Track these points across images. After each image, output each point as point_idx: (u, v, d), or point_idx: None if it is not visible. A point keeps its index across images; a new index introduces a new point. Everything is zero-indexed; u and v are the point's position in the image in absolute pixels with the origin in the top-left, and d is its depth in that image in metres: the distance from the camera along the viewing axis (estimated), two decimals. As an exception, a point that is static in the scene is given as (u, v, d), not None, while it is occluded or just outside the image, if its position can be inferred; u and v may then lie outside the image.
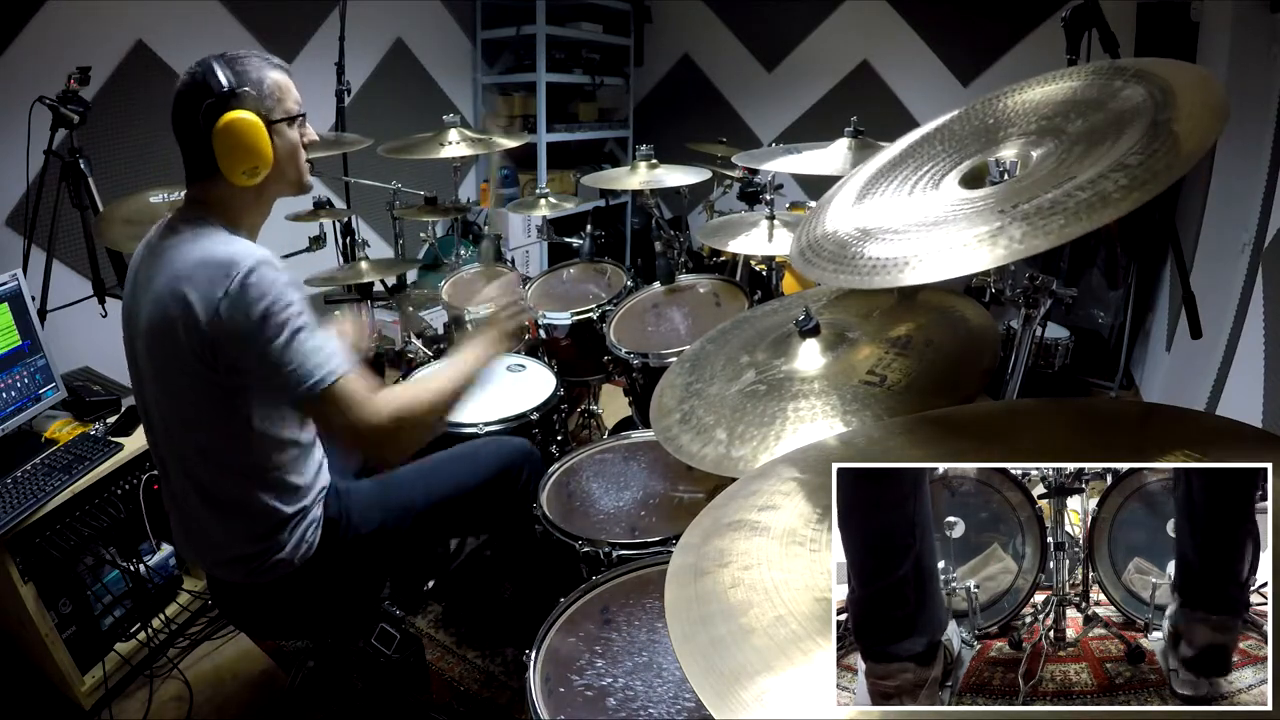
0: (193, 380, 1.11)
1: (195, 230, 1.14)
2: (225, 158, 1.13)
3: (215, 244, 1.12)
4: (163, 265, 1.12)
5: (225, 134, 1.12)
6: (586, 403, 2.58)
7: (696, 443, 1.10)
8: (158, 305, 1.10)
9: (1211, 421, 0.85)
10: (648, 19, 4.74)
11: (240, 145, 1.13)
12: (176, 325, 1.07)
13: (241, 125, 1.12)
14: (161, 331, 1.10)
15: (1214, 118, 0.73)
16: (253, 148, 1.14)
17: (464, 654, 1.86)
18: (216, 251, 1.10)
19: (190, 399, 1.14)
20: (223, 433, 1.16)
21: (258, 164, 1.15)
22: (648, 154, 2.34)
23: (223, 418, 1.15)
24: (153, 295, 1.11)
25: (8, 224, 2.44)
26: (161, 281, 1.11)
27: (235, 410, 1.14)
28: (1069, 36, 1.61)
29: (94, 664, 1.76)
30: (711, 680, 0.54)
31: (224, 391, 1.12)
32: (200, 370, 1.09)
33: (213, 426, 1.16)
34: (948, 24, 3.78)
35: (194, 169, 1.18)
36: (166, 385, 1.16)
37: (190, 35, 2.79)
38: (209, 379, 1.10)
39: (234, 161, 1.13)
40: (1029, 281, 1.08)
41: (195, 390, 1.12)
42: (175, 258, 1.12)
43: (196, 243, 1.12)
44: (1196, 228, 2.57)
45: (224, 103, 1.12)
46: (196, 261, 1.09)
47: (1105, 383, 3.20)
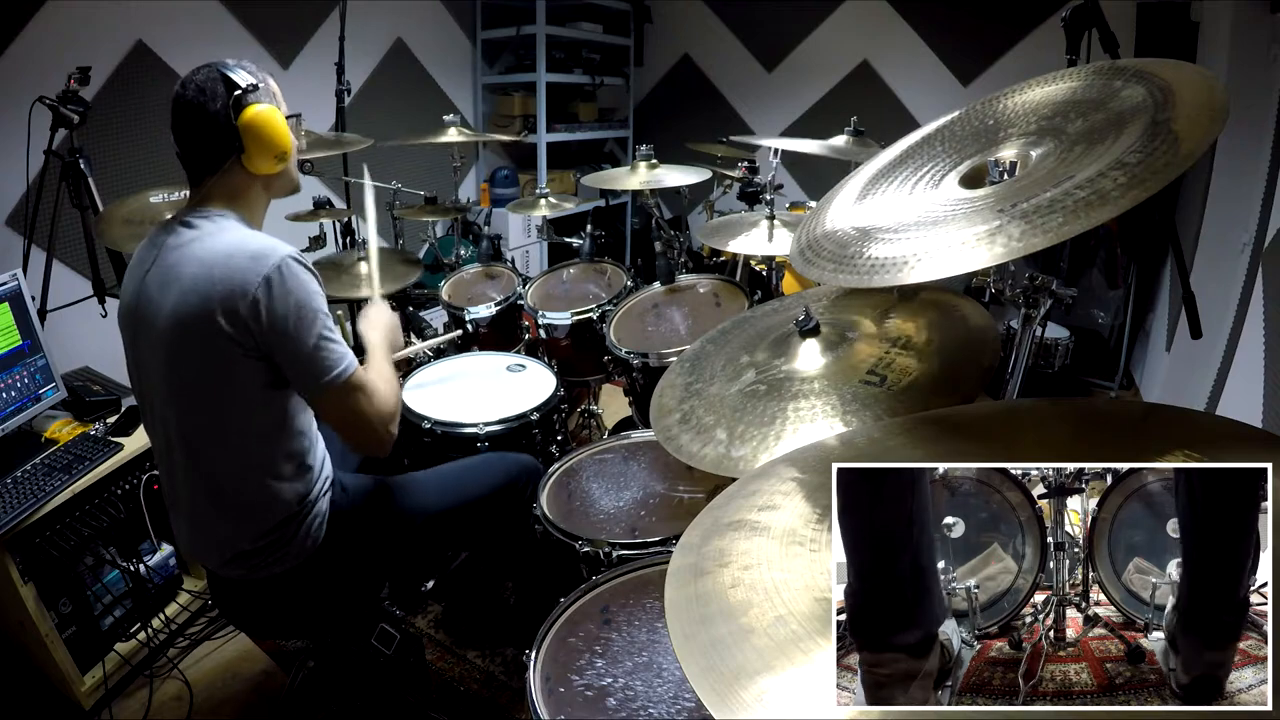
0: (226, 369, 1.14)
1: (215, 224, 1.19)
2: (256, 145, 1.19)
3: (242, 236, 1.17)
4: (186, 259, 1.15)
5: (256, 121, 1.18)
6: (586, 403, 2.58)
7: (696, 443, 1.10)
8: (189, 296, 1.12)
9: (1211, 421, 0.85)
10: (648, 19, 4.74)
11: (271, 133, 1.19)
12: (214, 312, 1.10)
13: (269, 114, 1.19)
14: (195, 321, 1.12)
15: (1214, 117, 0.73)
16: (281, 135, 1.21)
17: (464, 654, 1.86)
18: (247, 244, 1.15)
19: (220, 390, 1.16)
20: (249, 423, 1.19)
21: (285, 150, 1.23)
22: (648, 154, 2.34)
23: (255, 406, 1.18)
24: (180, 289, 1.13)
25: (8, 224, 2.44)
26: (189, 273, 1.13)
27: (269, 398, 1.19)
28: (1069, 36, 1.61)
29: (94, 664, 1.76)
30: (711, 680, 0.54)
31: (261, 379, 1.16)
32: (238, 356, 1.13)
33: (240, 417, 1.18)
34: (948, 24, 3.78)
35: (206, 164, 1.21)
36: (193, 377, 1.17)
37: (190, 35, 2.79)
38: (245, 366, 1.14)
39: (264, 148, 1.20)
40: (1029, 281, 1.08)
41: (227, 379, 1.15)
42: (200, 250, 1.15)
43: (221, 235, 1.16)
44: (1196, 228, 2.57)
45: (248, 95, 1.18)
46: (226, 252, 1.13)
47: (1105, 383, 3.20)
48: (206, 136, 1.19)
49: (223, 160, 1.20)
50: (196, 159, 1.22)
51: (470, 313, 2.34)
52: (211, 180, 1.22)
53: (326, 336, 1.16)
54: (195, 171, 1.23)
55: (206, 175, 1.22)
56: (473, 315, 2.34)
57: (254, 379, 1.16)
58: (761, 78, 4.43)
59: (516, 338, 2.41)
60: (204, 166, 1.22)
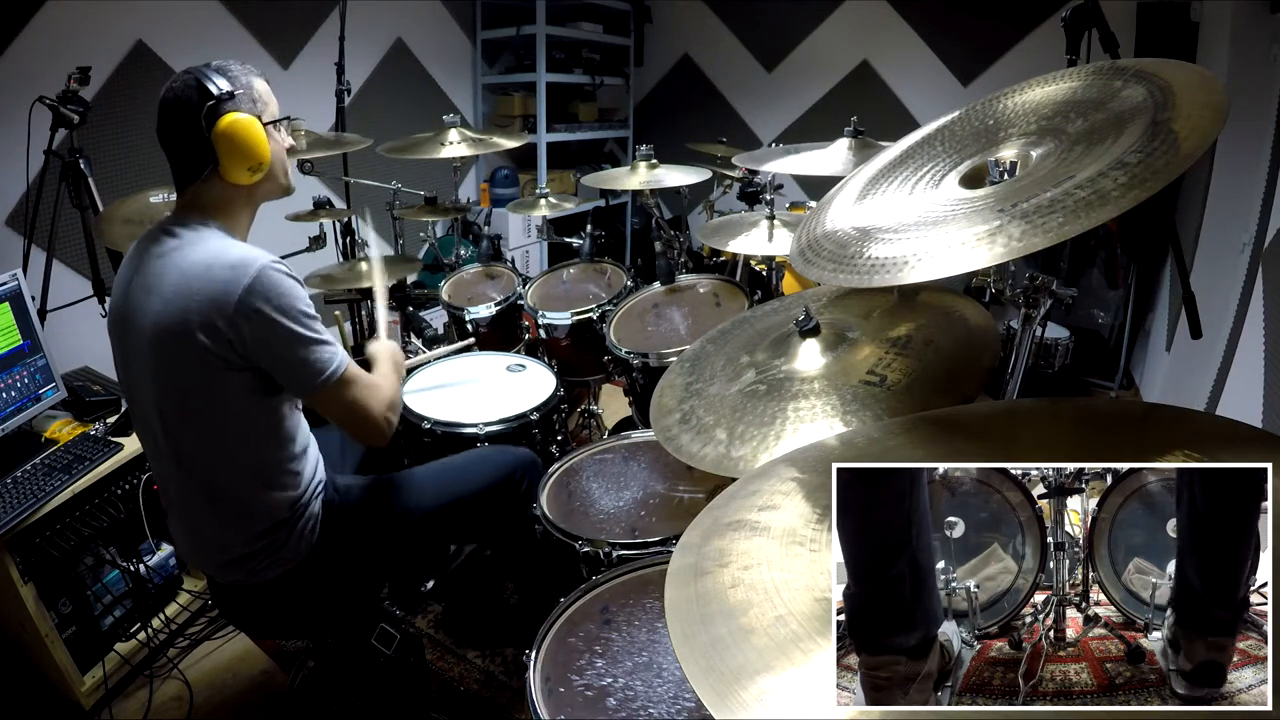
0: (210, 380, 1.13)
1: (195, 233, 1.17)
2: (229, 157, 1.16)
3: (220, 246, 1.15)
4: (167, 269, 1.14)
5: (228, 133, 1.15)
6: (586, 403, 2.58)
7: (696, 443, 1.10)
8: (169, 308, 1.11)
9: (1211, 421, 0.85)
10: (648, 19, 4.74)
11: (244, 144, 1.16)
12: (192, 326, 1.09)
13: (243, 124, 1.16)
14: (175, 334, 1.11)
15: (1214, 117, 0.73)
16: (255, 146, 1.18)
17: (464, 654, 1.86)
18: (225, 254, 1.13)
19: (206, 399, 1.15)
20: (237, 430, 1.18)
21: (260, 161, 1.19)
22: (648, 154, 2.34)
23: (242, 413, 1.18)
24: (161, 299, 1.12)
25: (8, 224, 2.44)
26: (169, 284, 1.12)
27: (257, 405, 1.18)
28: (1069, 36, 1.61)
29: (94, 664, 1.76)
30: (711, 680, 0.54)
31: (247, 387, 1.15)
32: (220, 369, 1.12)
33: (227, 425, 1.18)
34: (948, 24, 3.78)
35: (188, 173, 1.20)
36: (178, 387, 1.16)
37: (190, 35, 2.79)
38: (229, 378, 1.13)
39: (238, 160, 1.17)
40: (1029, 281, 1.08)
41: (212, 390, 1.14)
42: (180, 261, 1.13)
43: (200, 245, 1.15)
44: (1196, 228, 2.57)
45: (223, 105, 1.15)
46: (205, 264, 1.12)
47: (1105, 383, 3.20)
48: (184, 146, 1.17)
49: (200, 170, 1.18)
50: (177, 167, 1.21)
51: (470, 313, 2.34)
52: (192, 189, 1.20)
53: (314, 339, 1.15)
54: (178, 179, 1.21)
55: (188, 183, 1.20)
56: (473, 315, 2.34)
57: (240, 389, 1.15)
58: (761, 78, 4.43)
59: (516, 338, 2.41)
60: (185, 175, 1.20)
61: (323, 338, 1.16)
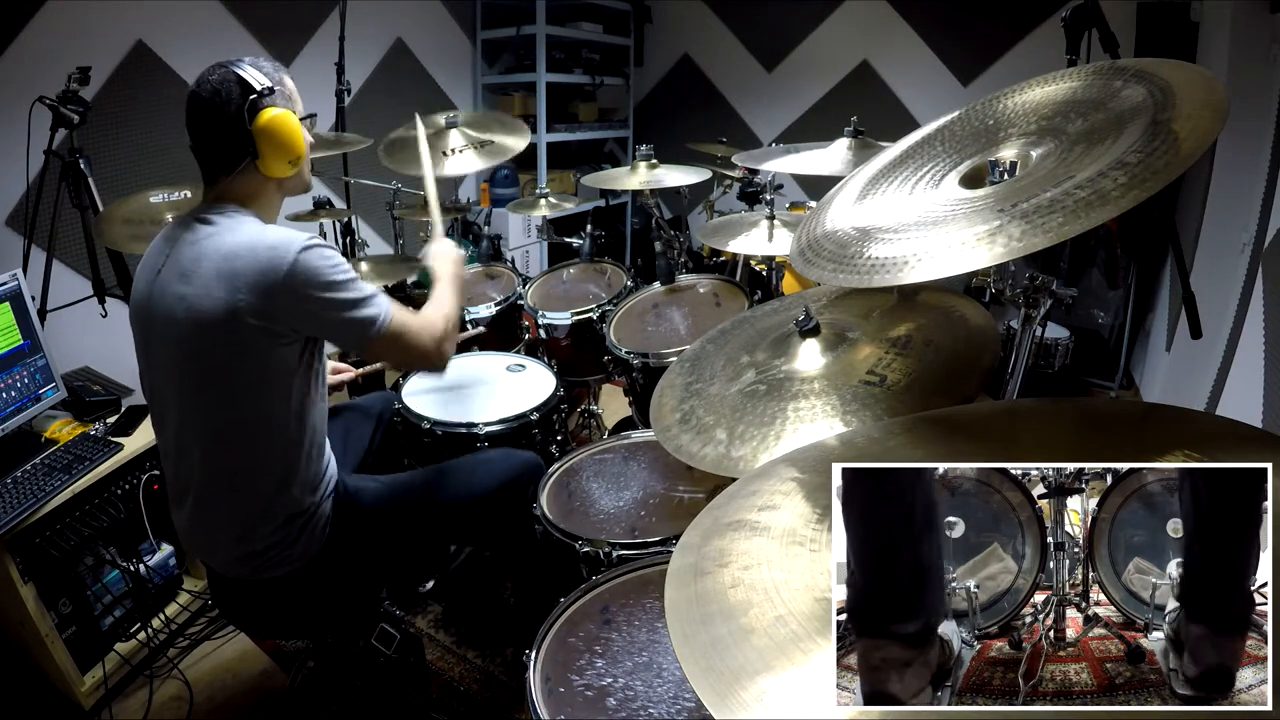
0: (252, 360, 1.16)
1: (232, 220, 1.20)
2: (271, 150, 1.20)
3: (258, 230, 1.19)
4: (204, 253, 1.15)
5: (270, 127, 1.19)
6: (586, 403, 2.58)
7: (696, 443, 1.10)
8: (210, 291, 1.13)
9: (1211, 421, 0.85)
10: (648, 19, 4.74)
11: (285, 138, 1.21)
12: (239, 307, 1.11)
13: (284, 119, 1.20)
14: (216, 316, 1.12)
15: (1214, 117, 0.73)
16: (296, 140, 1.22)
17: (464, 654, 1.86)
18: (264, 236, 1.17)
19: (243, 382, 1.17)
20: (267, 414, 1.20)
21: (299, 155, 1.24)
22: (648, 154, 2.34)
23: (275, 396, 1.20)
24: (202, 283, 1.14)
25: (8, 224, 2.44)
26: (209, 268, 1.14)
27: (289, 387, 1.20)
28: (1069, 36, 1.61)
29: (94, 664, 1.76)
30: (711, 680, 0.54)
31: (290, 363, 1.19)
32: (268, 346, 1.15)
33: (259, 408, 1.19)
34: (948, 24, 3.78)
35: (221, 165, 1.22)
36: (215, 369, 1.17)
37: (190, 35, 2.79)
38: (276, 355, 1.16)
39: (280, 153, 1.21)
40: (1029, 281, 1.08)
41: (250, 369, 1.16)
42: (219, 244, 1.15)
43: (239, 230, 1.18)
44: (1196, 228, 2.57)
45: (264, 99, 1.19)
46: (248, 245, 1.15)
47: (1105, 383, 3.20)
48: (221, 138, 1.19)
49: (237, 162, 1.21)
50: (211, 158, 1.23)
51: (470, 313, 2.34)
52: (226, 180, 1.23)
53: (356, 299, 1.19)
54: (210, 170, 1.24)
55: (221, 174, 1.23)
56: (473, 315, 2.34)
57: (282, 365, 1.18)
58: (761, 78, 4.43)
59: (516, 338, 2.41)
60: (219, 166, 1.22)
61: (364, 294, 1.20)
